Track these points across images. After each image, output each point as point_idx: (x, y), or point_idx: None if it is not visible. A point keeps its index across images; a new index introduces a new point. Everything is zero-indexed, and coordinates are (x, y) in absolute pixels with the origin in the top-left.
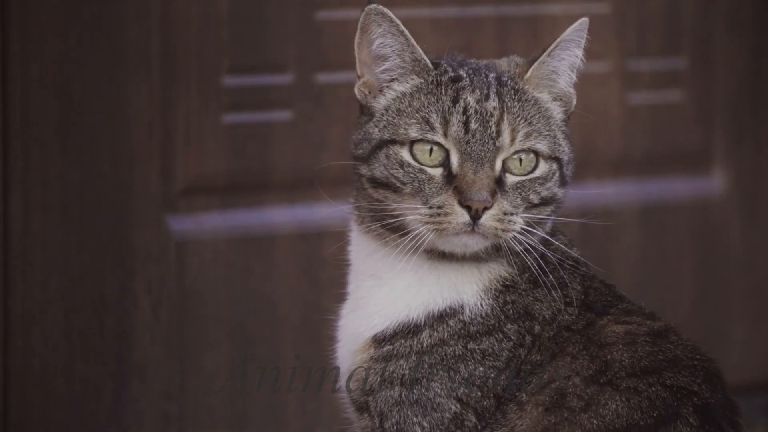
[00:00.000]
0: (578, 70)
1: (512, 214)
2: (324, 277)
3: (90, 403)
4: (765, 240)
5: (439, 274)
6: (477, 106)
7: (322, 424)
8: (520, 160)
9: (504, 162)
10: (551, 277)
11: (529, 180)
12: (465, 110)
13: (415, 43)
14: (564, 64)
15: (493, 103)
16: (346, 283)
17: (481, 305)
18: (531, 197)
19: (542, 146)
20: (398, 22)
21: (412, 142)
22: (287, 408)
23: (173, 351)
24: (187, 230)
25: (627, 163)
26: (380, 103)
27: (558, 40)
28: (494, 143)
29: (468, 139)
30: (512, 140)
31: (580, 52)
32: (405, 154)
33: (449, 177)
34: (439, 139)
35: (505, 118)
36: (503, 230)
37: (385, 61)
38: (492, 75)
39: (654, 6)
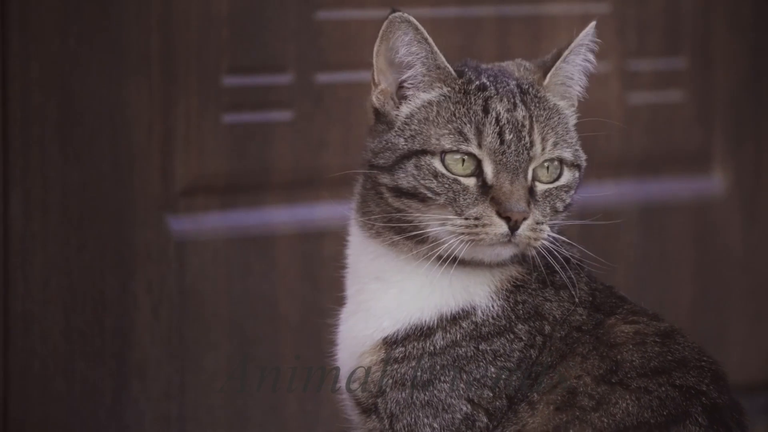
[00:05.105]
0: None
1: (542, 223)
2: (324, 277)
3: (90, 403)
4: (765, 240)
5: (450, 276)
6: (508, 116)
7: (322, 424)
8: (547, 168)
9: (533, 171)
10: (561, 276)
11: (556, 188)
12: (497, 120)
13: (438, 51)
14: (579, 69)
15: (522, 113)
16: (344, 287)
17: (493, 306)
18: (557, 205)
19: (567, 154)
20: (422, 29)
21: (444, 152)
22: (287, 408)
23: (173, 351)
24: (187, 230)
25: (627, 163)
26: (402, 111)
27: (572, 45)
28: (528, 153)
29: (504, 150)
30: (543, 149)
31: (591, 57)
32: (437, 164)
33: (484, 187)
34: (474, 150)
35: (535, 127)
36: (535, 239)
37: (409, 68)
38: (513, 82)
39: (654, 6)
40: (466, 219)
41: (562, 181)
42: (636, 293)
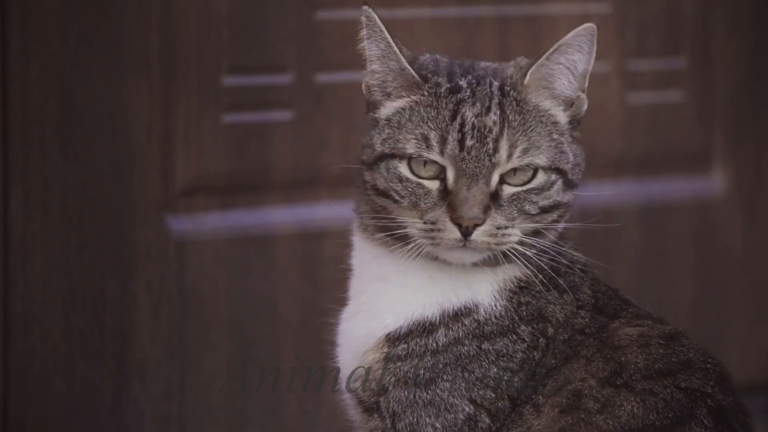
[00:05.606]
0: (582, 74)
1: (506, 227)
2: (324, 277)
3: (90, 403)
4: (765, 240)
5: (450, 274)
6: (475, 121)
7: (322, 424)
8: (515, 172)
9: (501, 175)
10: (563, 280)
11: (525, 191)
12: (462, 126)
13: (398, 52)
14: (561, 68)
15: (493, 117)
16: (346, 288)
17: (496, 306)
18: (527, 208)
19: (540, 161)
20: (383, 28)
21: (409, 158)
22: (287, 408)
23: (173, 351)
24: (187, 230)
25: (627, 163)
26: (383, 111)
27: (557, 44)
28: (490, 160)
29: (463, 156)
30: (509, 156)
31: (581, 57)
32: (403, 168)
33: (444, 192)
34: (435, 157)
35: (505, 133)
36: (496, 244)
37: (369, 63)
38: (496, 84)
39: (654, 6)
40: (425, 223)
41: (533, 184)
42: (636, 293)
